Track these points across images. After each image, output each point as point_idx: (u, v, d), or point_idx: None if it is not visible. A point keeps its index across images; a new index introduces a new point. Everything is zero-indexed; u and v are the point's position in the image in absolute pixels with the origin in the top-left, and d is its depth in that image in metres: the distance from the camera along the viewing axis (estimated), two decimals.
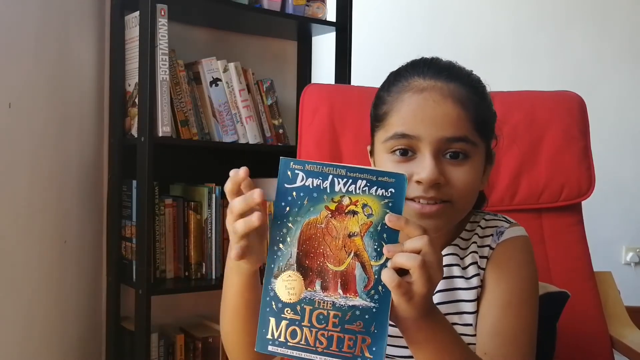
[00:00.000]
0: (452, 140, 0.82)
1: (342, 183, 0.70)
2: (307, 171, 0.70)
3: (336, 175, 0.70)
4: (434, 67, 0.86)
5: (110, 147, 1.90)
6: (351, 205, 0.70)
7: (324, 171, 0.70)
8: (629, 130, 2.99)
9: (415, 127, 0.82)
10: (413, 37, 2.92)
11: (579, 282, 1.31)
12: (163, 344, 1.89)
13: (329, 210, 0.70)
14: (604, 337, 1.29)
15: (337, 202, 0.70)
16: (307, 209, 0.70)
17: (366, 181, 0.70)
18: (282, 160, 0.71)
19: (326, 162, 0.71)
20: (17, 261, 1.42)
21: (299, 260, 0.71)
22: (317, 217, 0.70)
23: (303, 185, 0.70)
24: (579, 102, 1.40)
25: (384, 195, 0.70)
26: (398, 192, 0.70)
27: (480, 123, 0.84)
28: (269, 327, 0.71)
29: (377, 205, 0.70)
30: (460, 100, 0.83)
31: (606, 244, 2.91)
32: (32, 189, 1.49)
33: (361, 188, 0.70)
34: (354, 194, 0.70)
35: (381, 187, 0.70)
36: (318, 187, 0.70)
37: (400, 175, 0.70)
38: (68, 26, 1.71)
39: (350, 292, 0.70)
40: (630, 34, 3.01)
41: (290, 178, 0.71)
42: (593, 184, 1.35)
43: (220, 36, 2.13)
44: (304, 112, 1.38)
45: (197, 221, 1.89)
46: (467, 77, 0.87)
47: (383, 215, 0.69)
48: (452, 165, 0.83)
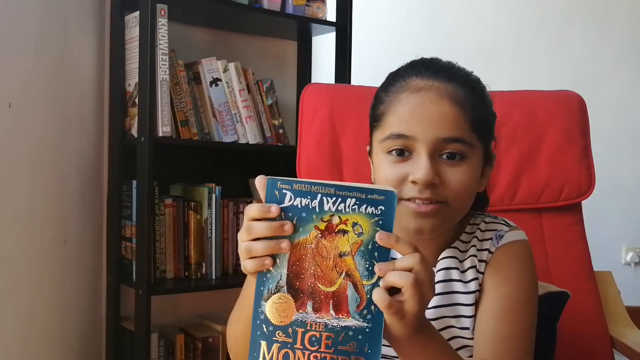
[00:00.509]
0: (448, 141, 0.82)
1: (332, 202, 0.69)
2: (295, 190, 0.69)
3: (325, 194, 0.69)
4: (432, 67, 0.86)
5: (110, 147, 1.90)
6: (341, 224, 0.69)
7: (313, 190, 0.69)
8: (629, 130, 2.99)
9: (412, 127, 0.82)
10: (413, 37, 2.92)
11: (579, 282, 1.31)
12: (163, 344, 1.89)
13: (319, 230, 0.69)
14: (604, 337, 1.29)
15: (327, 221, 0.69)
16: (296, 230, 0.69)
17: (355, 199, 0.68)
18: (268, 181, 0.70)
19: (314, 179, 0.70)
20: (17, 261, 1.42)
21: (289, 282, 0.69)
22: (306, 237, 0.69)
23: (291, 205, 0.69)
24: (579, 102, 1.40)
25: (374, 213, 0.68)
26: (388, 210, 0.68)
27: (478, 124, 0.84)
28: (260, 350, 0.70)
29: (367, 224, 0.68)
30: (458, 100, 0.82)
31: (606, 244, 2.90)
32: (32, 189, 1.49)
33: (350, 206, 0.68)
34: (343, 213, 0.68)
35: (371, 204, 0.68)
36: (307, 207, 0.69)
37: (390, 192, 0.68)
38: (68, 26, 1.71)
39: (342, 313, 0.69)
40: (630, 34, 3.01)
41: (278, 198, 0.69)
42: (593, 183, 1.35)
43: (220, 36, 2.13)
44: (304, 112, 1.38)
45: (197, 221, 1.89)
46: (466, 78, 0.87)
47: (373, 234, 0.68)
48: (448, 166, 0.82)
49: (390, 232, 0.68)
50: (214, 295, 2.05)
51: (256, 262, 0.69)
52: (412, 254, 0.68)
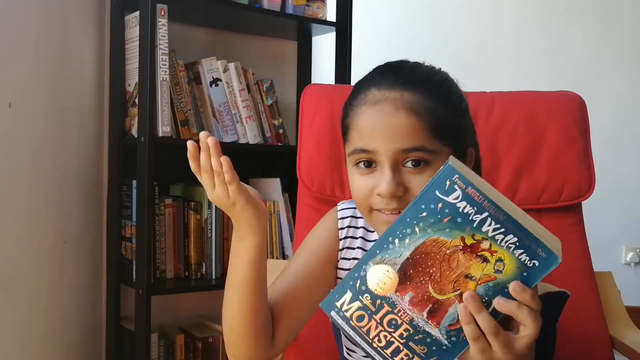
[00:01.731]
0: (408, 151, 0.81)
1: (493, 226, 0.64)
2: (467, 194, 0.64)
3: (493, 216, 0.63)
4: (390, 76, 0.85)
5: (110, 147, 1.90)
6: (487, 251, 0.65)
7: (484, 205, 0.63)
8: (629, 130, 2.99)
9: (372, 142, 0.83)
10: (413, 38, 2.92)
11: (579, 282, 1.31)
12: (163, 344, 1.89)
13: (463, 243, 0.65)
14: (604, 337, 1.29)
15: (477, 240, 0.64)
16: (442, 227, 0.65)
17: (518, 240, 0.63)
18: (447, 167, 0.64)
19: (492, 192, 0.64)
20: (18, 261, 1.42)
21: (405, 265, 0.67)
22: (447, 240, 0.65)
23: (454, 203, 0.64)
24: (579, 102, 1.40)
25: (525, 263, 0.64)
26: (541, 269, 0.64)
27: (440, 129, 0.83)
28: (343, 297, 0.70)
29: (512, 267, 0.64)
30: (414, 109, 0.82)
31: (606, 244, 2.90)
32: (32, 189, 1.49)
33: (508, 243, 0.64)
34: (497, 244, 0.64)
35: (529, 254, 0.64)
36: (467, 216, 0.64)
37: (554, 256, 0.64)
38: (68, 26, 1.71)
39: (433, 321, 0.68)
40: (630, 34, 3.01)
41: (446, 189, 0.64)
42: (593, 184, 1.35)
43: (220, 36, 2.13)
44: (304, 112, 1.38)
45: (197, 221, 1.89)
46: (426, 82, 0.85)
47: (512, 278, 0.65)
48: (412, 174, 0.82)
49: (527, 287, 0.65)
50: (214, 295, 2.05)
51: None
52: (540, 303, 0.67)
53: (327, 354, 1.18)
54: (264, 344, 0.90)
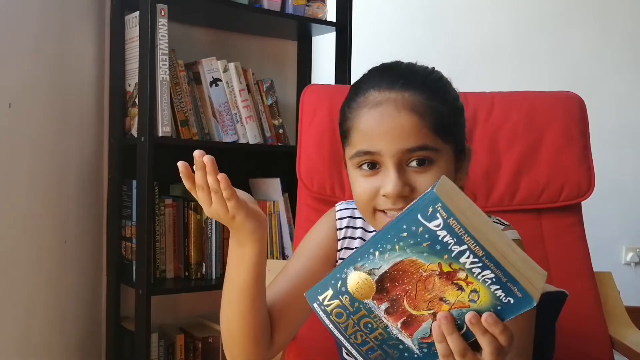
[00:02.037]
0: (413, 151, 0.82)
1: (471, 260, 0.63)
2: (447, 224, 0.63)
3: (472, 251, 0.63)
4: (388, 77, 0.86)
5: (110, 147, 1.90)
6: (463, 281, 0.65)
7: (464, 238, 0.63)
8: (629, 130, 2.99)
9: (375, 143, 0.83)
10: (413, 38, 2.92)
11: (579, 282, 1.31)
12: (163, 344, 1.89)
13: (440, 269, 0.65)
14: (603, 337, 1.29)
15: (453, 269, 0.64)
16: (421, 250, 0.65)
17: (494, 277, 0.63)
18: (431, 192, 0.63)
19: (473, 224, 0.63)
20: (17, 261, 1.43)
21: (382, 277, 0.67)
22: (425, 263, 0.65)
23: (434, 231, 0.63)
24: (578, 102, 1.40)
25: (500, 298, 0.64)
26: (516, 306, 0.64)
27: (440, 127, 0.83)
28: (325, 292, 0.71)
29: (486, 299, 0.65)
30: (415, 109, 0.83)
31: (606, 244, 2.90)
32: (32, 189, 1.50)
33: (484, 277, 0.64)
34: (473, 277, 0.64)
35: (505, 291, 0.64)
36: (446, 245, 0.63)
37: (530, 298, 0.63)
38: (68, 26, 1.71)
39: (407, 331, 0.69)
40: (630, 34, 3.01)
41: (428, 215, 0.63)
42: (593, 184, 1.35)
43: (220, 36, 2.13)
44: (304, 112, 1.38)
45: (197, 221, 1.89)
46: (424, 81, 0.86)
47: (485, 309, 0.65)
48: (417, 173, 0.83)
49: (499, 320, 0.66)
50: (214, 295, 2.05)
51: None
52: (510, 337, 0.67)
53: (327, 354, 1.18)
54: (263, 345, 0.90)
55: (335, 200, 1.31)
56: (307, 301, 0.72)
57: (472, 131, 1.35)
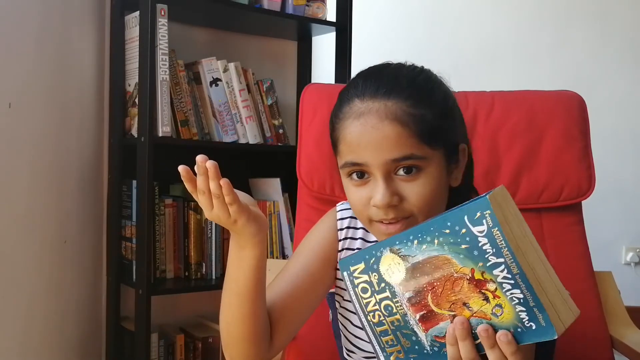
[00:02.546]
0: (398, 160, 0.81)
1: (503, 275, 0.64)
2: (491, 233, 0.63)
3: (508, 266, 0.63)
4: (372, 84, 0.84)
5: (110, 147, 1.90)
6: (491, 293, 0.65)
7: (503, 252, 0.63)
8: (629, 130, 2.99)
9: (361, 155, 0.83)
10: (413, 37, 2.92)
11: (579, 282, 1.31)
12: (163, 344, 1.89)
13: (471, 274, 0.65)
14: (603, 337, 1.29)
15: (485, 279, 0.65)
16: (458, 251, 0.65)
17: (523, 297, 0.63)
18: (484, 198, 0.63)
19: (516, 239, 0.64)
20: (17, 261, 1.43)
21: (415, 266, 0.68)
22: (458, 265, 0.66)
23: (477, 236, 0.64)
24: (579, 102, 1.40)
25: (523, 321, 0.65)
26: (535, 334, 0.64)
27: (426, 134, 0.82)
28: (357, 265, 0.73)
29: (509, 317, 0.65)
30: (398, 118, 0.81)
31: (606, 244, 2.90)
32: (32, 189, 1.50)
33: (513, 296, 0.64)
34: (502, 292, 0.64)
35: (529, 315, 0.64)
36: (484, 253, 0.64)
37: (552, 330, 0.63)
38: (68, 26, 1.71)
39: (423, 325, 0.70)
40: (630, 34, 3.01)
41: (475, 219, 0.64)
42: (593, 184, 1.35)
43: (220, 36, 2.13)
44: (304, 112, 1.38)
45: (197, 221, 1.89)
46: (409, 86, 0.84)
47: (504, 327, 0.66)
48: (405, 182, 0.82)
49: (514, 341, 0.66)
50: (214, 295, 2.05)
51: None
52: (520, 358, 0.67)
53: (327, 354, 1.18)
54: (263, 346, 0.90)
55: (336, 200, 1.31)
56: (340, 268, 0.75)
57: (472, 131, 1.35)
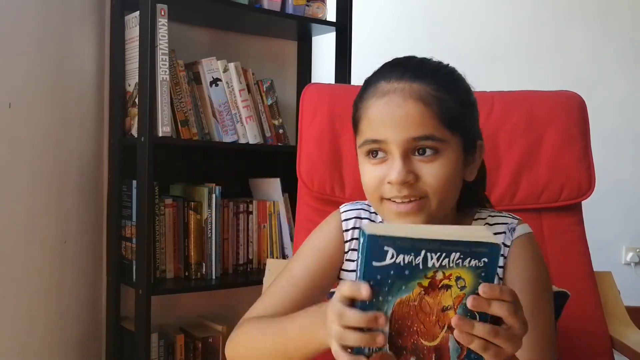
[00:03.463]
0: (418, 139, 0.84)
1: (436, 257, 0.66)
2: (398, 247, 0.65)
3: (429, 249, 0.65)
4: (399, 68, 0.88)
5: (110, 147, 1.90)
6: (444, 279, 0.66)
7: (417, 246, 0.65)
8: (629, 130, 2.99)
9: (382, 131, 0.85)
10: (413, 37, 2.92)
11: (579, 282, 1.31)
12: (163, 344, 1.89)
13: (422, 287, 0.66)
14: (603, 337, 1.29)
15: (430, 277, 0.66)
16: (398, 288, 0.66)
17: (460, 253, 0.66)
18: (368, 237, 0.64)
19: (417, 232, 0.66)
20: (17, 261, 1.43)
21: (392, 340, 0.67)
22: (409, 294, 0.66)
23: (393, 263, 0.65)
24: (579, 102, 1.40)
25: (477, 266, 0.66)
26: (491, 262, 0.66)
27: (448, 119, 0.85)
28: None
29: (470, 277, 0.67)
30: (423, 99, 0.84)
31: (606, 244, 2.90)
32: (32, 189, 1.50)
33: (454, 260, 0.66)
34: (447, 268, 0.66)
35: (475, 257, 0.66)
36: (410, 264, 0.65)
37: (494, 245, 0.66)
38: (68, 26, 1.71)
39: None
40: (630, 34, 3.01)
41: (379, 256, 0.65)
42: (593, 184, 1.35)
43: (220, 36, 2.13)
44: (304, 112, 1.38)
45: (197, 221, 1.89)
46: (434, 73, 0.87)
47: (476, 286, 0.67)
48: (422, 162, 0.85)
49: (493, 283, 0.67)
50: (214, 295, 2.05)
51: (350, 357, 0.67)
52: (511, 291, 0.68)
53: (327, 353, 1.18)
54: None
55: (336, 200, 1.31)
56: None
57: None
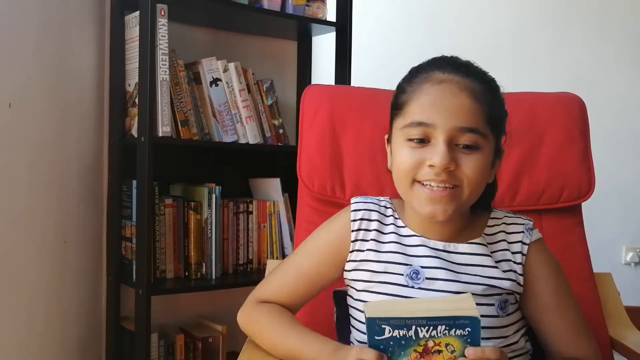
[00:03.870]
0: (465, 130, 0.89)
1: (425, 330, 0.79)
2: (393, 325, 0.79)
3: (419, 325, 0.79)
4: (452, 63, 0.93)
5: (110, 147, 1.90)
6: (435, 346, 0.80)
7: (408, 323, 0.79)
8: (629, 131, 2.99)
9: (432, 116, 0.89)
10: (413, 38, 2.92)
11: (578, 283, 1.31)
12: (163, 344, 1.89)
13: (417, 352, 0.80)
14: (603, 338, 1.29)
15: (423, 345, 0.80)
16: (398, 354, 0.80)
17: (445, 325, 0.79)
18: (368, 320, 0.80)
19: (406, 312, 0.80)
20: (17, 261, 1.42)
21: None
22: (408, 358, 0.80)
23: (391, 336, 0.80)
24: (579, 104, 1.40)
25: (462, 335, 0.79)
26: (474, 330, 0.79)
27: (491, 118, 0.91)
28: None
29: (457, 343, 0.80)
30: (475, 94, 0.90)
31: (606, 244, 2.91)
32: (32, 189, 1.49)
33: (441, 332, 0.79)
34: (436, 337, 0.79)
35: (459, 328, 0.79)
36: (404, 337, 0.80)
37: (475, 319, 0.79)
38: (68, 26, 1.71)
39: None
40: (630, 34, 3.01)
41: (379, 331, 0.80)
42: (593, 185, 1.35)
43: (220, 36, 2.13)
44: (305, 112, 1.38)
45: (197, 221, 1.89)
46: (483, 75, 0.94)
47: (463, 349, 0.80)
48: (463, 154, 0.89)
49: (477, 347, 0.80)
50: (214, 295, 2.05)
51: None
52: (495, 350, 0.80)
53: None
54: None
55: (336, 201, 1.31)
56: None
57: None
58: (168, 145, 1.83)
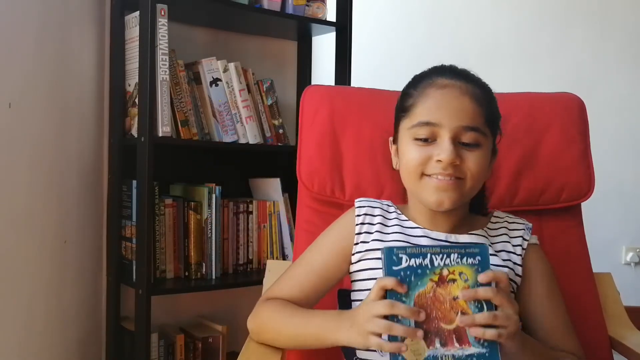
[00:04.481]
0: (468, 129, 0.98)
1: (439, 258, 0.86)
2: (409, 253, 0.86)
3: (433, 253, 0.87)
4: (453, 70, 1.04)
5: (110, 147, 1.90)
6: (450, 274, 0.86)
7: (423, 251, 0.87)
8: (629, 131, 2.99)
9: (438, 116, 0.98)
10: (413, 38, 2.92)
11: (578, 283, 1.31)
12: (163, 344, 1.89)
13: (434, 282, 0.86)
14: (603, 338, 1.29)
15: (439, 274, 0.86)
16: (415, 284, 0.86)
17: (457, 254, 0.87)
18: (387, 250, 0.87)
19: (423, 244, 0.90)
20: (17, 261, 1.42)
21: (418, 326, 0.84)
22: (424, 289, 0.86)
23: (408, 265, 0.86)
24: (578, 104, 1.40)
25: (473, 263, 0.87)
26: (483, 259, 0.87)
27: (490, 119, 1.01)
28: None
29: (469, 271, 0.87)
30: (475, 97, 1.00)
31: (606, 244, 2.91)
32: (32, 189, 1.49)
33: (455, 260, 0.87)
34: (450, 265, 0.87)
35: (469, 256, 0.87)
36: (420, 265, 0.86)
37: (483, 245, 0.88)
38: (68, 26, 1.71)
39: (464, 344, 0.85)
40: (630, 34, 3.01)
41: (396, 261, 0.86)
42: (593, 185, 1.35)
43: (220, 36, 2.13)
44: (305, 113, 1.38)
45: (197, 221, 1.89)
46: (479, 81, 1.04)
47: (476, 278, 0.86)
48: (466, 150, 0.99)
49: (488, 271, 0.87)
50: (214, 295, 2.06)
51: (394, 346, 0.83)
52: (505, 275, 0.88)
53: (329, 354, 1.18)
54: None
55: (336, 202, 1.31)
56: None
57: None
58: (168, 145, 1.83)
